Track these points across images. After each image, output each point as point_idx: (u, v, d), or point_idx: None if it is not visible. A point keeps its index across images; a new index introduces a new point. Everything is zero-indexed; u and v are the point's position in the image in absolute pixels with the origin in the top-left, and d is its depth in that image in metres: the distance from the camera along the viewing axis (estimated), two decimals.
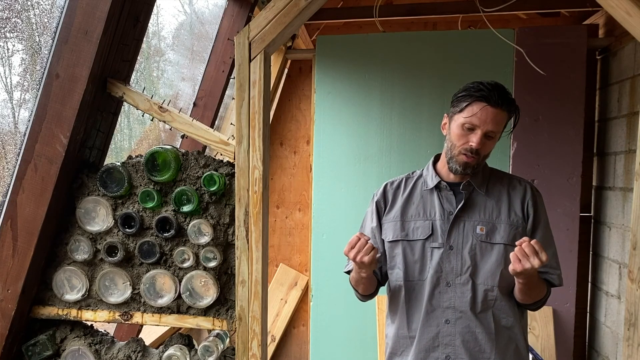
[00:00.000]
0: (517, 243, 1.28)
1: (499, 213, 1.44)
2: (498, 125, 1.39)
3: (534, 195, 1.47)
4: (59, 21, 1.56)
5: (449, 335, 1.42)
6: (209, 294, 1.63)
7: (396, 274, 1.50)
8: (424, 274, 1.45)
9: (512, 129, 1.49)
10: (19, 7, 1.81)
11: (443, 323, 1.43)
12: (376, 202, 1.57)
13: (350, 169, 2.80)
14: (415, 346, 1.46)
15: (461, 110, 1.41)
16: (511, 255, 1.28)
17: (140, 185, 1.64)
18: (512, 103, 1.40)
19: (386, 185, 1.58)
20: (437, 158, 1.55)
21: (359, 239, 1.36)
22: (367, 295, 1.57)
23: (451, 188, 1.47)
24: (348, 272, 1.60)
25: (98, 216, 1.66)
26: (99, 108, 1.70)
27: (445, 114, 1.51)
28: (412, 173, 1.58)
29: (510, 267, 1.29)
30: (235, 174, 1.56)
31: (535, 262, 1.24)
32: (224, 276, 1.65)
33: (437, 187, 1.48)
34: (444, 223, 1.45)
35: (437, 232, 1.45)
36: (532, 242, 1.26)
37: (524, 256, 1.25)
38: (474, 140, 1.38)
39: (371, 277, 1.48)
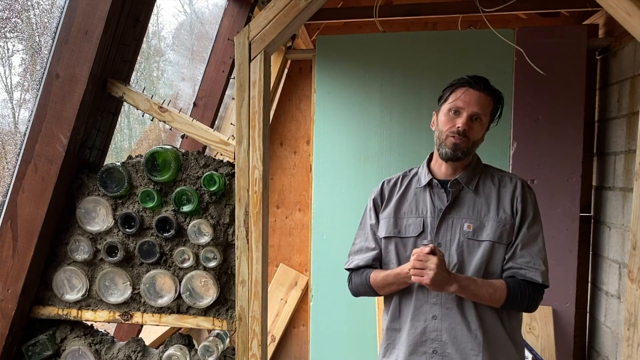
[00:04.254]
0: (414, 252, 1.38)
1: (488, 210, 1.46)
2: (482, 108, 1.42)
3: (523, 191, 1.47)
4: (59, 21, 1.57)
5: (436, 330, 1.45)
6: (209, 294, 1.63)
7: (391, 270, 1.52)
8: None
9: (498, 117, 1.50)
10: (19, 7, 1.81)
11: (430, 319, 1.46)
12: (373, 199, 1.60)
13: (350, 169, 2.80)
14: (405, 340, 1.49)
15: (445, 100, 1.47)
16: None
17: (140, 185, 1.64)
18: (494, 90, 1.45)
19: (383, 183, 1.61)
20: (431, 156, 1.58)
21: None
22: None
23: (442, 186, 1.50)
24: (349, 270, 1.61)
25: (98, 216, 1.66)
26: (99, 108, 1.70)
27: (434, 112, 1.55)
28: (409, 171, 1.61)
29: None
30: (235, 174, 1.56)
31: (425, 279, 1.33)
32: (224, 276, 1.65)
33: (429, 184, 1.51)
34: (434, 220, 1.47)
35: (427, 229, 1.48)
36: (419, 253, 1.35)
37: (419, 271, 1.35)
38: (459, 122, 1.42)
39: None
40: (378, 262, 1.57)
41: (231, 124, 2.54)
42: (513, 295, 1.41)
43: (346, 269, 1.64)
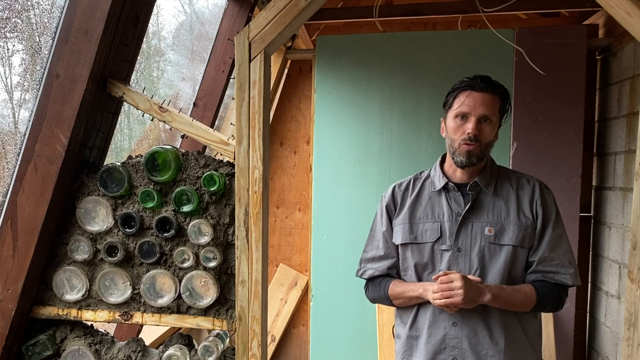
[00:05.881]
0: (433, 279, 1.38)
1: (508, 213, 1.43)
2: (489, 108, 1.40)
3: (542, 193, 1.45)
4: (59, 21, 1.56)
5: (456, 337, 1.42)
6: (209, 294, 1.63)
7: (409, 276, 1.50)
8: (434, 276, 1.44)
9: (506, 114, 1.47)
10: (19, 7, 1.81)
11: (450, 325, 1.42)
12: (385, 205, 1.56)
13: (350, 169, 2.80)
14: (423, 347, 1.45)
15: (450, 106, 1.45)
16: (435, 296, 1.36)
17: (140, 185, 1.64)
18: (498, 86, 1.42)
19: (394, 187, 1.57)
20: (443, 158, 1.54)
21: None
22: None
23: (459, 189, 1.46)
24: (363, 277, 1.60)
25: (98, 216, 1.66)
26: (99, 108, 1.70)
27: (441, 119, 1.52)
28: (420, 174, 1.57)
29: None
30: (235, 174, 1.56)
31: (457, 299, 1.32)
32: (224, 276, 1.65)
33: (445, 188, 1.48)
34: (452, 224, 1.44)
35: (445, 234, 1.44)
36: (444, 278, 1.34)
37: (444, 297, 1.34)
38: (469, 127, 1.39)
39: None
40: (394, 270, 1.54)
41: (231, 124, 2.54)
42: (542, 300, 1.40)
43: (360, 277, 1.61)
